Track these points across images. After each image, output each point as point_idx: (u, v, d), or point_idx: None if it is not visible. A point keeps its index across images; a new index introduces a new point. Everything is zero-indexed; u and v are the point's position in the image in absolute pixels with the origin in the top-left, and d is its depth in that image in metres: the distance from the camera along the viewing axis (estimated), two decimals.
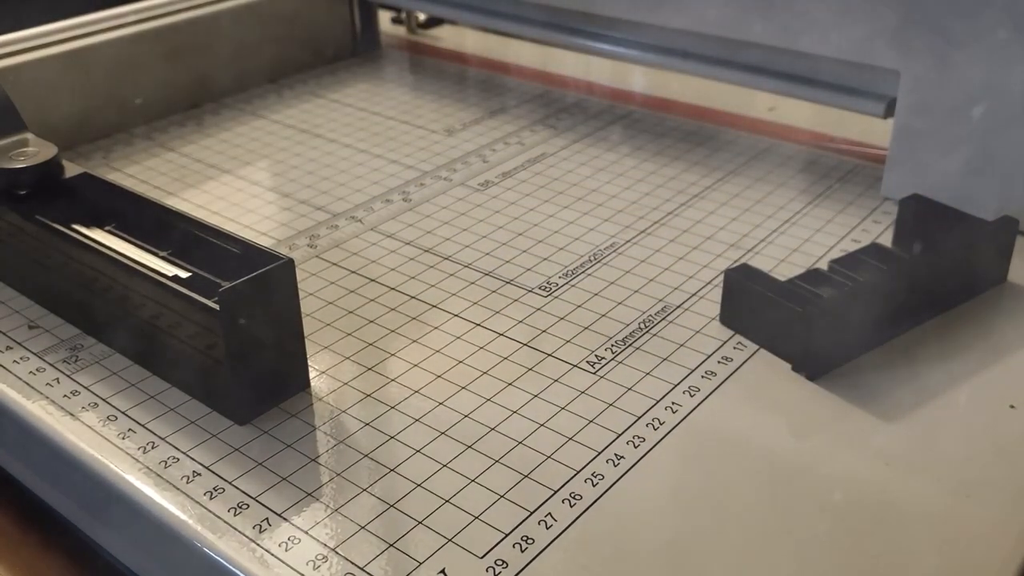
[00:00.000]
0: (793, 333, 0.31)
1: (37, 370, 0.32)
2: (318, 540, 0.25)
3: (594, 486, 0.27)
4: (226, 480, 0.27)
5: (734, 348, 0.32)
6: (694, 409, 0.30)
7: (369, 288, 0.36)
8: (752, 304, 0.32)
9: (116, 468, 0.28)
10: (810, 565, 0.25)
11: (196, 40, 0.51)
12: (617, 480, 0.27)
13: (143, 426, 0.29)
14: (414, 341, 0.33)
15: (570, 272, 0.37)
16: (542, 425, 0.29)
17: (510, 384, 0.31)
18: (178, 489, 0.27)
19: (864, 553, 0.25)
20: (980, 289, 0.35)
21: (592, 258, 0.38)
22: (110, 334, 0.33)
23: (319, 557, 0.25)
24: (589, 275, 0.37)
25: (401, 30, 0.63)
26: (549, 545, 0.25)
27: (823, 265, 0.34)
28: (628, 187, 0.43)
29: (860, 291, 0.32)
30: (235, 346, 0.28)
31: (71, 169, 0.36)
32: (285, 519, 0.26)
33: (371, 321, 0.34)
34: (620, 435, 0.29)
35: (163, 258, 0.32)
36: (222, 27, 0.53)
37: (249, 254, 0.30)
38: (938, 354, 0.32)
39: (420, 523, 0.26)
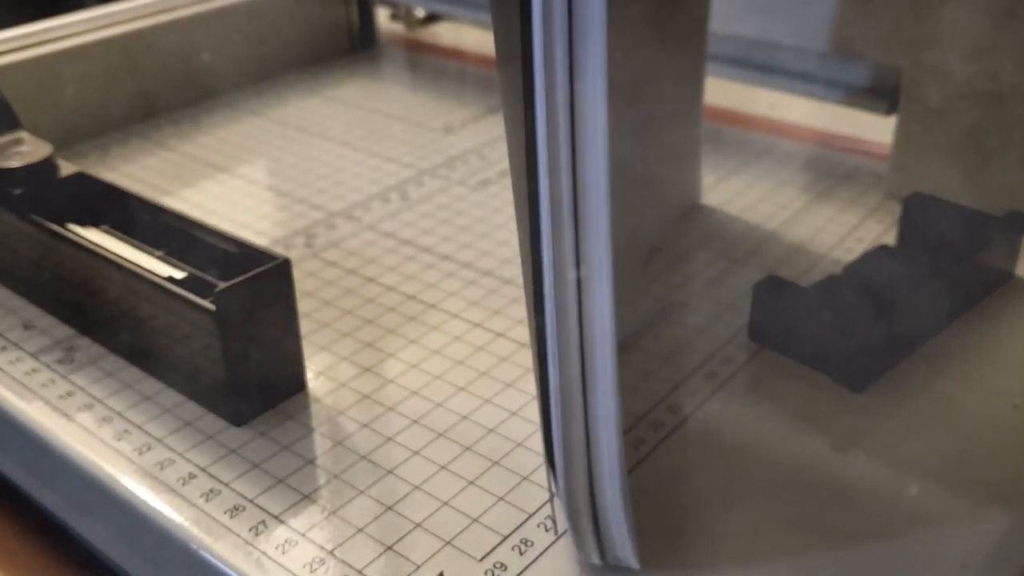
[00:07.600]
0: (837, 345, 0.30)
1: (32, 371, 0.32)
2: (315, 543, 0.25)
3: None
4: (223, 482, 0.27)
5: (735, 348, 0.32)
6: (695, 411, 0.30)
7: (367, 288, 0.36)
8: (787, 318, 0.31)
9: (112, 470, 0.28)
10: (811, 566, 0.24)
11: (193, 38, 0.51)
12: None
13: (139, 427, 0.29)
14: (412, 341, 0.33)
15: None
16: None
17: (509, 385, 0.31)
18: (174, 491, 0.27)
19: (865, 553, 0.25)
20: (990, 288, 0.34)
21: None
22: (106, 335, 0.33)
23: (316, 560, 0.25)
24: None
25: (399, 27, 0.63)
26: (548, 548, 0.25)
27: (825, 265, 0.33)
28: None
29: (890, 298, 0.31)
30: (231, 347, 0.28)
31: (66, 168, 0.35)
32: (282, 521, 0.26)
33: (369, 321, 0.34)
34: None
35: (159, 258, 0.32)
36: (219, 24, 0.52)
37: (246, 254, 0.30)
38: (941, 354, 0.32)
39: (418, 525, 0.26)
